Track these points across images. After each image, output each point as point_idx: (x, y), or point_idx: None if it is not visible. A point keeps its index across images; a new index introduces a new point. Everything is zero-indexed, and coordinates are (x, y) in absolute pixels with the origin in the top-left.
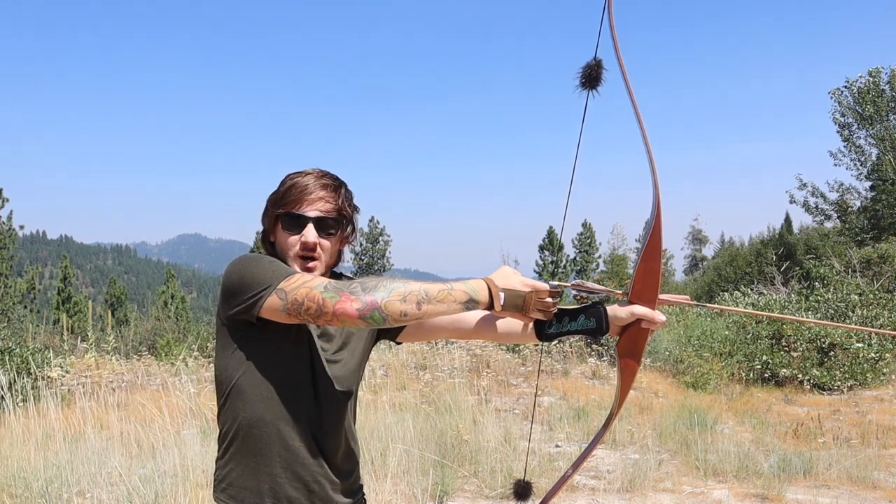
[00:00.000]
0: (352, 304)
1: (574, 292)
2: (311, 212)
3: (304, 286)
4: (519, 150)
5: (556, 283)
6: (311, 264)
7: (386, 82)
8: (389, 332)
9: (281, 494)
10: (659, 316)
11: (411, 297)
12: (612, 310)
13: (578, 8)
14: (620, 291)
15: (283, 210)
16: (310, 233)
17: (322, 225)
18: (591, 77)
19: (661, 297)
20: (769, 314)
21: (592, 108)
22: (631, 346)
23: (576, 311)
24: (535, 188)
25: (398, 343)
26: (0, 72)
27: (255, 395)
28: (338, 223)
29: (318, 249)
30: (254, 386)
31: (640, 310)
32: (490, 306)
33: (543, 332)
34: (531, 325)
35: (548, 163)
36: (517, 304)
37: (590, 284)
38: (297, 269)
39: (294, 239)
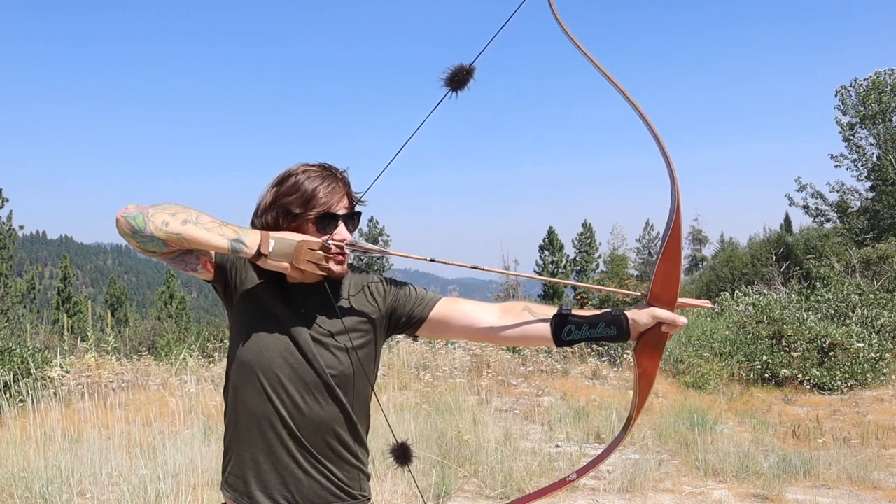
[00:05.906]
0: (126, 208)
1: (570, 292)
2: (340, 210)
3: None
4: (519, 150)
5: (327, 238)
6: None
7: (388, 82)
8: (408, 325)
9: (269, 484)
10: (680, 318)
11: (180, 215)
12: (633, 315)
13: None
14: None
15: (318, 210)
16: (343, 230)
17: (346, 220)
18: (458, 80)
19: (680, 300)
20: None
21: (599, 110)
22: (650, 351)
23: (596, 319)
24: (535, 188)
25: (416, 338)
26: (0, 71)
27: (238, 381)
28: (357, 216)
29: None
30: (235, 372)
31: (661, 313)
32: (259, 254)
33: (561, 338)
34: (549, 331)
35: (549, 163)
36: (287, 251)
37: (363, 243)
38: (332, 266)
39: (326, 238)
